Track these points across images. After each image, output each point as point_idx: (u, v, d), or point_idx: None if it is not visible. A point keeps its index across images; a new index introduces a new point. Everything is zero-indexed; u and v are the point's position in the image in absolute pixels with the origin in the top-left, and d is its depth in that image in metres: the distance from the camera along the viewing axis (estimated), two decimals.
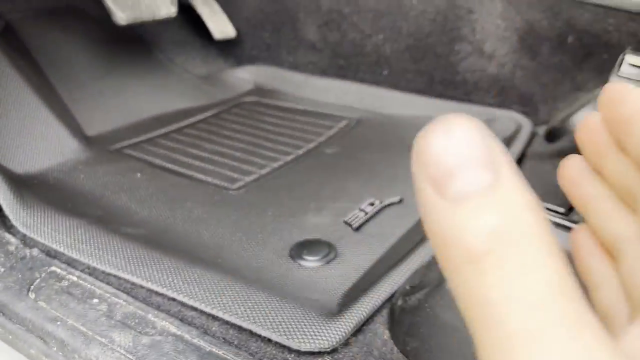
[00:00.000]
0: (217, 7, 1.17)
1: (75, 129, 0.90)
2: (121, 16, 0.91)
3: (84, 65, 1.05)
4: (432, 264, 0.50)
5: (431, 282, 0.46)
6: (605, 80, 1.01)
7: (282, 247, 0.66)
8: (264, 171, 0.87)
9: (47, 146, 0.84)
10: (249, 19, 1.24)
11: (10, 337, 0.51)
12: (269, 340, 0.48)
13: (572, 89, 1.02)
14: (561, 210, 0.48)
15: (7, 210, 0.64)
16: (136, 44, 1.19)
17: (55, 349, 0.48)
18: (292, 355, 0.47)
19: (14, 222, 0.63)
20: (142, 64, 1.14)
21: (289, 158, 0.92)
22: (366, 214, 0.74)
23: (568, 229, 0.46)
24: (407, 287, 0.50)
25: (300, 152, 0.95)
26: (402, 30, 1.09)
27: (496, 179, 0.13)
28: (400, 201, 0.77)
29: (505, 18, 1.02)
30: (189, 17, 1.22)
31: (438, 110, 1.06)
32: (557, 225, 0.46)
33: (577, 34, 0.99)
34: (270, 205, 0.76)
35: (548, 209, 0.49)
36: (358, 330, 0.50)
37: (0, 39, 0.90)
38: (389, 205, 0.76)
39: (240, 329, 0.49)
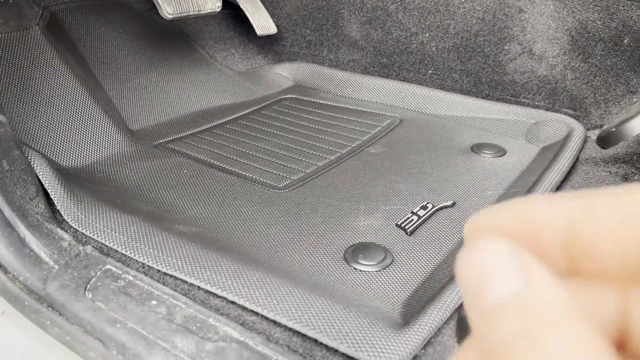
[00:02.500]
0: (259, 4, 1.15)
1: (120, 123, 0.89)
2: (168, 10, 0.90)
3: (126, 60, 1.04)
4: None
5: None
6: None
7: (335, 250, 0.64)
8: (309, 170, 0.85)
9: (93, 140, 0.83)
10: (290, 15, 1.23)
11: (68, 337, 0.49)
12: (336, 350, 0.46)
13: (627, 93, 0.98)
14: None
15: (58, 205, 0.63)
16: (177, 39, 1.17)
17: (115, 352, 0.47)
18: None
19: (65, 217, 0.62)
20: (184, 60, 1.13)
21: (333, 157, 0.90)
22: (419, 217, 0.71)
23: None
24: None
25: (344, 151, 0.93)
26: (449, 29, 1.06)
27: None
28: (453, 204, 0.75)
29: (557, 18, 0.99)
30: (228, 14, 1.20)
31: (484, 111, 1.02)
32: None
33: (634, 36, 0.95)
34: (318, 205, 0.74)
35: None
36: (426, 342, 0.47)
37: (47, 32, 0.89)
38: (441, 208, 0.74)
39: (303, 336, 0.48)
